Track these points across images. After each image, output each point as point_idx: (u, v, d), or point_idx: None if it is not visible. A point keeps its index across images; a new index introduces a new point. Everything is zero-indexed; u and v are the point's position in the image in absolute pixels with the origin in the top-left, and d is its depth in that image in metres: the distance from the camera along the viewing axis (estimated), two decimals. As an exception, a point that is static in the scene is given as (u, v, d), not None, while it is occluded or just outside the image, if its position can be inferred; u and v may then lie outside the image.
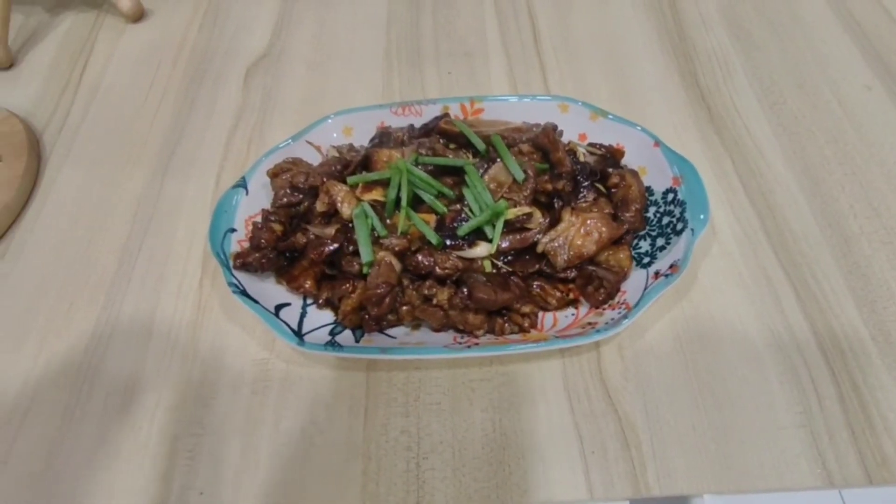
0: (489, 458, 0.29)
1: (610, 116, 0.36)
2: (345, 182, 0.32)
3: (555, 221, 0.31)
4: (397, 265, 0.30)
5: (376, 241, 0.30)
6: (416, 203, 0.32)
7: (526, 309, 0.30)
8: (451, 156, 0.34)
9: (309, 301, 0.33)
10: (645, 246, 0.33)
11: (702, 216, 0.32)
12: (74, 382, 0.33)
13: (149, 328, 0.35)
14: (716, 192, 0.37)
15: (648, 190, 0.35)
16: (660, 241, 0.33)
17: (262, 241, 0.32)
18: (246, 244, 0.34)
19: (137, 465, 0.30)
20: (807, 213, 0.36)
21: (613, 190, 0.33)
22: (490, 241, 0.30)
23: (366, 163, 0.33)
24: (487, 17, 0.49)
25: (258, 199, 0.36)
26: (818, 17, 0.46)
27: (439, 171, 0.32)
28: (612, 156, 0.35)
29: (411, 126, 0.37)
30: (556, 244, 0.31)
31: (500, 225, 0.30)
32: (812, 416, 0.30)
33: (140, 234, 0.39)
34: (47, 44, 0.52)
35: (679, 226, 0.32)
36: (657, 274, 0.31)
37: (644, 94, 0.43)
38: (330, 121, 0.38)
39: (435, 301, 0.29)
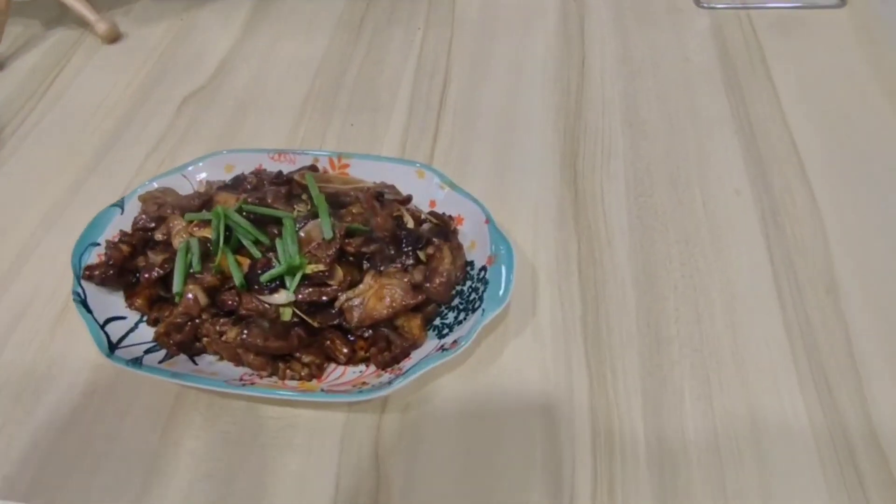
0: (252, 493, 0.32)
1: (454, 189, 0.39)
2: (189, 217, 0.36)
3: (357, 282, 0.34)
4: (203, 299, 0.33)
5: (192, 275, 0.34)
6: (242, 246, 0.35)
7: (306, 359, 0.32)
8: (298, 206, 0.37)
9: (145, 319, 0.37)
10: (451, 317, 0.35)
11: (500, 298, 0.33)
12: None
13: (24, 310, 0.39)
14: (550, 275, 0.38)
15: (471, 264, 0.37)
16: (462, 316, 0.34)
17: (111, 259, 0.36)
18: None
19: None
20: (631, 309, 0.37)
21: (429, 260, 0.35)
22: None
23: (210, 203, 0.37)
24: (406, 75, 0.53)
25: (131, 220, 0.40)
26: (715, 115, 0.47)
27: (269, 220, 0.35)
28: (444, 226, 0.37)
29: (279, 172, 0.41)
30: (353, 303, 0.33)
31: (297, 277, 0.33)
32: (562, 510, 0.30)
33: (44, 231, 0.44)
34: (33, 54, 0.60)
35: (477, 303, 0.34)
36: (443, 347, 0.32)
37: (521, 168, 0.45)
38: (213, 158, 0.42)
39: (224, 338, 0.32)
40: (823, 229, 0.39)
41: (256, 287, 0.33)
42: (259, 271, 0.33)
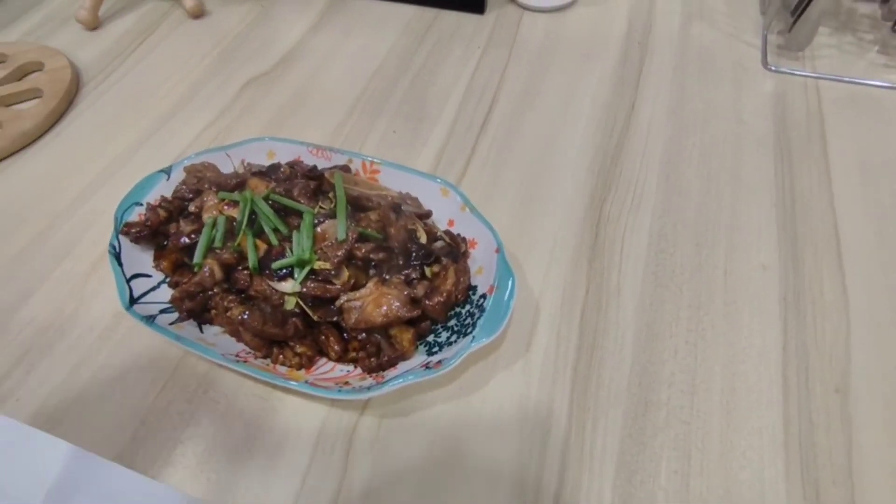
0: (228, 460, 0.33)
1: (473, 212, 0.39)
2: (222, 195, 0.38)
3: (361, 285, 0.35)
4: (218, 274, 0.35)
5: (213, 250, 0.36)
6: (263, 232, 0.37)
7: (300, 349, 0.34)
8: (323, 203, 0.39)
9: (168, 281, 0.39)
10: (444, 337, 0.36)
11: (492, 328, 0.33)
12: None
13: (68, 252, 0.43)
14: (552, 315, 0.38)
15: (474, 289, 0.37)
16: (454, 337, 0.35)
17: (149, 220, 0.39)
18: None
19: (-11, 361, 0.38)
20: (626, 366, 0.36)
21: (434, 277, 0.36)
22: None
23: (243, 185, 0.39)
24: (456, 92, 0.54)
25: (174, 187, 0.43)
26: (758, 182, 0.45)
27: (292, 212, 0.37)
28: (455, 247, 0.38)
29: (314, 166, 0.43)
30: (353, 304, 0.34)
31: (305, 271, 0.34)
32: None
33: (100, 184, 0.48)
34: (128, 18, 0.65)
35: (469, 329, 0.34)
36: (427, 365, 0.33)
37: (547, 202, 0.45)
38: (257, 143, 0.45)
39: (229, 314, 0.34)
40: (847, 326, 0.37)
41: (268, 272, 0.35)
42: (275, 258, 0.35)
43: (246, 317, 0.33)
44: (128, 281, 0.38)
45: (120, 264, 0.38)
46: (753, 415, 0.34)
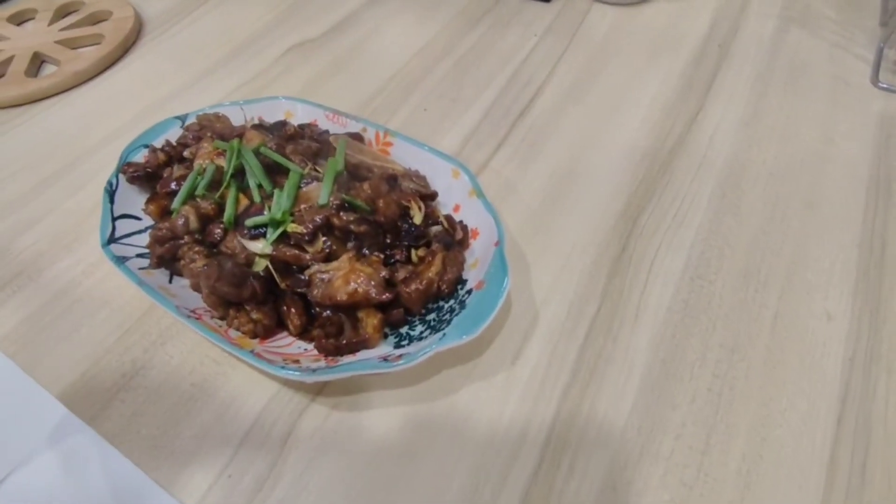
0: (163, 419, 0.31)
1: (480, 198, 0.35)
2: (221, 144, 0.36)
3: (334, 257, 0.31)
4: (194, 223, 0.33)
5: (195, 198, 0.34)
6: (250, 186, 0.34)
7: (256, 315, 0.31)
8: (319, 167, 0.36)
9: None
10: (418, 330, 0.31)
11: (467, 330, 0.29)
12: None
13: (83, 185, 0.44)
14: (551, 328, 0.33)
15: (464, 283, 0.32)
16: (427, 333, 0.30)
17: (148, 162, 0.38)
18: (150, 161, 0.40)
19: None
20: (627, 402, 0.30)
21: (419, 262, 0.32)
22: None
23: (242, 137, 0.37)
24: (500, 77, 0.49)
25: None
26: (840, 215, 0.37)
27: (284, 170, 0.34)
28: (450, 233, 0.33)
29: (326, 130, 0.40)
30: (320, 277, 0.31)
31: (277, 232, 0.31)
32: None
33: (133, 125, 0.48)
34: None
35: (444, 326, 0.30)
36: (386, 357, 0.29)
37: (575, 203, 0.39)
38: (273, 102, 0.43)
39: (192, 265, 0.32)
40: (934, 405, 0.28)
41: (242, 228, 0.32)
42: (252, 215, 0.32)
43: (204, 269, 0.30)
44: (114, 219, 0.37)
45: (111, 202, 0.37)
46: (780, 495, 0.26)
